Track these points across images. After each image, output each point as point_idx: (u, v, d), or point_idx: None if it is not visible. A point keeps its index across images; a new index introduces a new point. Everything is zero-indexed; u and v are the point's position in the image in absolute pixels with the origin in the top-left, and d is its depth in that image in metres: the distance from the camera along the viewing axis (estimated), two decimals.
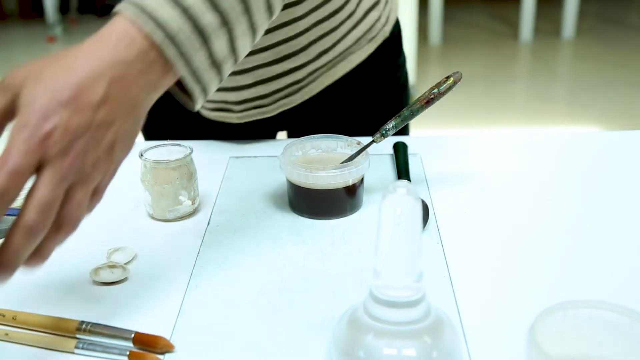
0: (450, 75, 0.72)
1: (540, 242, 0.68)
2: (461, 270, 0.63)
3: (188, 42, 0.54)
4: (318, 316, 0.57)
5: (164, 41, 0.53)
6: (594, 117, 2.90)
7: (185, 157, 0.72)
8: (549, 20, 4.05)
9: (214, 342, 0.55)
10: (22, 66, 0.52)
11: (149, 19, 0.53)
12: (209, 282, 0.63)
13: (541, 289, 0.60)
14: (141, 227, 0.72)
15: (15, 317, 0.57)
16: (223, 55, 0.58)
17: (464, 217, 0.72)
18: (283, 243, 0.68)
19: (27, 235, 0.48)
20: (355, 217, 0.73)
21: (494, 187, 0.78)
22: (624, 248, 0.66)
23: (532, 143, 0.90)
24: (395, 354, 0.48)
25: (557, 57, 3.71)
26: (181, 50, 0.54)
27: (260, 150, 0.88)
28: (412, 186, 0.46)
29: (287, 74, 0.87)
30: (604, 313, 0.47)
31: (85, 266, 0.65)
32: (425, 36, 3.80)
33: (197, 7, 0.55)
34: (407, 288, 0.48)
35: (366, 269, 0.63)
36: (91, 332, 0.55)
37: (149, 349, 0.54)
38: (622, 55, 3.59)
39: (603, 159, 0.85)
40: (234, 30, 0.58)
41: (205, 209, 0.75)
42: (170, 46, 0.54)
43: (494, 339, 0.54)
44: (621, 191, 0.77)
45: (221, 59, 0.58)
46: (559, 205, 0.74)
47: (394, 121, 0.73)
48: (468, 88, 3.02)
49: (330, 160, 0.76)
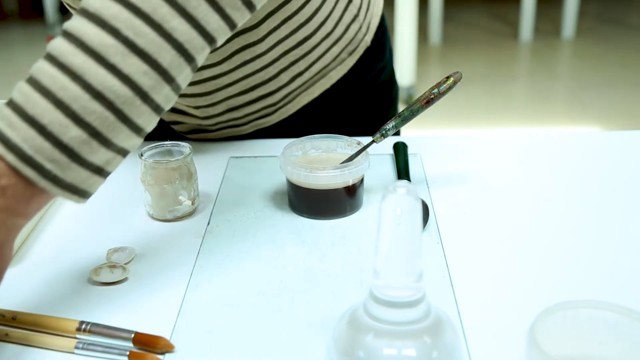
0: (450, 75, 0.72)
1: (540, 242, 0.68)
2: (461, 270, 0.63)
3: (50, 161, 0.50)
4: (318, 316, 0.57)
5: (17, 164, 0.50)
6: (594, 117, 2.90)
7: (185, 157, 0.72)
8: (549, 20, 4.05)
9: (214, 342, 0.55)
10: None
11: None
12: (209, 282, 0.63)
13: (541, 289, 0.60)
14: (141, 227, 0.72)
15: (15, 317, 0.57)
16: (104, 161, 0.53)
17: (464, 217, 0.72)
18: (283, 243, 0.68)
19: None
20: (355, 217, 0.73)
21: (494, 187, 0.78)
22: (624, 248, 0.66)
23: (532, 143, 0.90)
24: (395, 354, 0.48)
25: (557, 57, 3.71)
26: (43, 171, 0.50)
27: (260, 150, 0.88)
28: (412, 186, 0.46)
29: (259, 100, 0.86)
30: (604, 313, 0.47)
31: (85, 266, 0.65)
32: (425, 36, 3.80)
33: (57, 124, 0.50)
34: (407, 288, 0.48)
35: (366, 269, 0.63)
36: (91, 332, 0.55)
37: (149, 349, 0.54)
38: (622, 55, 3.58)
39: (603, 159, 0.85)
40: (111, 139, 0.53)
41: (205, 209, 0.75)
42: (27, 168, 0.50)
43: (494, 339, 0.54)
44: (621, 191, 0.77)
45: (102, 165, 0.53)
46: (559, 205, 0.74)
47: (394, 121, 0.73)
48: (468, 88, 3.02)
49: (330, 160, 0.76)
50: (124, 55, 0.52)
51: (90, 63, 0.51)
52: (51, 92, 0.51)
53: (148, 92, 0.53)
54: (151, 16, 0.52)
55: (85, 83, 0.51)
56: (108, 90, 0.51)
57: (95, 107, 0.51)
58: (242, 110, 0.86)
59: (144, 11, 0.52)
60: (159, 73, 0.53)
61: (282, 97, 0.86)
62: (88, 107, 0.51)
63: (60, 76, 0.51)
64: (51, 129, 0.50)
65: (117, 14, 0.52)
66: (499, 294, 0.60)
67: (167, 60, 0.53)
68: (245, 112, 0.87)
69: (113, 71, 0.51)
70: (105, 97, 0.51)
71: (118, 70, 0.51)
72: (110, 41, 0.51)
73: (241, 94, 0.84)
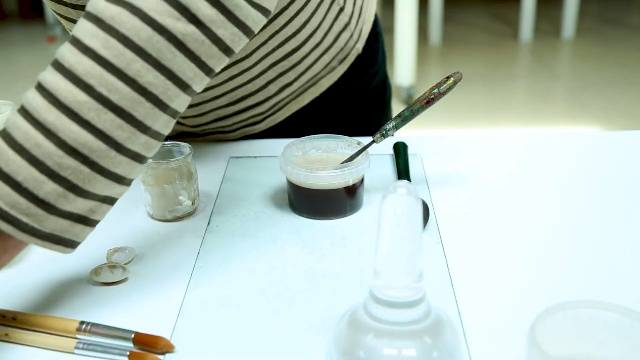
0: (451, 76, 0.72)
1: (540, 242, 0.68)
2: (461, 270, 0.63)
3: (26, 215, 0.51)
4: (318, 316, 0.57)
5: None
6: (594, 117, 2.90)
7: (185, 157, 0.72)
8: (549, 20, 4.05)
9: (214, 342, 0.55)
10: None
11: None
12: (209, 282, 0.63)
13: (541, 289, 0.60)
14: (141, 227, 0.72)
15: (15, 317, 0.57)
16: (86, 210, 0.53)
17: (464, 217, 0.72)
18: (283, 243, 0.68)
19: None
20: (355, 217, 0.73)
21: (494, 187, 0.78)
22: (624, 248, 0.66)
23: (532, 143, 0.90)
24: (395, 354, 0.48)
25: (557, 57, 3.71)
26: (20, 225, 0.51)
27: (260, 150, 0.88)
28: (412, 186, 0.46)
29: (247, 110, 0.85)
30: (604, 313, 0.47)
31: (85, 266, 0.65)
32: (425, 36, 3.80)
33: (31, 180, 0.50)
34: (407, 288, 0.48)
35: (366, 269, 0.63)
36: (91, 333, 0.55)
37: (149, 349, 0.54)
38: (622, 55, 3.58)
39: (603, 159, 0.85)
40: (89, 190, 0.53)
41: (205, 209, 0.75)
42: (3, 223, 0.51)
43: (494, 339, 0.54)
44: (621, 191, 0.77)
45: (85, 213, 0.54)
46: (559, 205, 0.74)
47: (394, 121, 0.73)
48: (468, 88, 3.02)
49: (330, 160, 0.76)
50: (98, 111, 0.51)
51: (63, 119, 0.51)
52: (25, 148, 0.51)
53: (122, 143, 0.53)
54: (125, 71, 0.52)
55: (59, 140, 0.51)
56: (82, 146, 0.51)
57: (69, 162, 0.51)
58: (230, 119, 0.87)
59: (118, 67, 0.52)
60: (133, 125, 0.53)
61: (270, 107, 0.86)
62: (63, 162, 0.51)
63: (34, 132, 0.51)
64: (26, 186, 0.50)
65: (90, 70, 0.51)
66: (499, 294, 0.60)
67: (142, 113, 0.53)
68: (234, 120, 0.87)
69: (87, 127, 0.51)
70: (79, 152, 0.51)
71: (92, 125, 0.51)
72: (84, 98, 0.51)
73: (229, 105, 0.84)
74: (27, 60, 3.85)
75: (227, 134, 0.90)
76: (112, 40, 0.52)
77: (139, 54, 0.52)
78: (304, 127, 0.89)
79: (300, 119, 0.90)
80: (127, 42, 0.52)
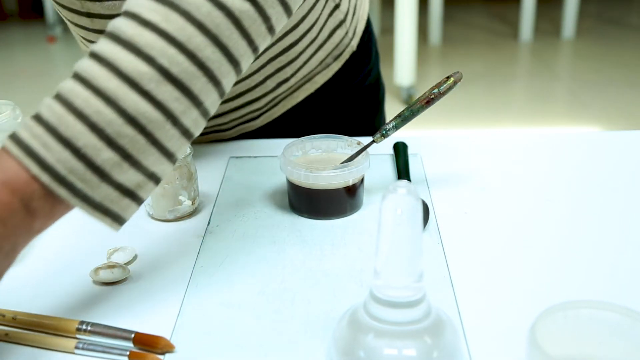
0: (451, 75, 0.72)
1: (541, 242, 0.68)
2: (461, 270, 0.63)
3: (82, 180, 0.51)
4: (318, 316, 0.57)
5: (52, 183, 0.51)
6: (594, 117, 2.90)
7: (185, 157, 0.72)
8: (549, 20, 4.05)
9: (214, 342, 0.55)
10: None
11: (34, 161, 0.50)
12: (209, 282, 0.63)
13: (541, 289, 0.60)
14: (141, 227, 0.72)
15: (15, 317, 0.57)
16: (134, 183, 0.54)
17: (464, 217, 0.72)
18: (283, 243, 0.68)
19: None
20: (355, 217, 0.73)
21: (494, 187, 0.78)
22: (624, 248, 0.66)
23: (532, 143, 0.90)
24: (395, 354, 0.48)
25: (557, 57, 3.71)
26: (75, 189, 0.52)
27: (260, 150, 0.88)
28: (413, 186, 0.46)
29: (244, 107, 0.86)
30: (604, 313, 0.47)
31: (85, 266, 0.65)
32: (425, 36, 3.80)
33: (91, 147, 0.51)
34: (407, 288, 0.48)
35: (366, 269, 0.63)
36: (91, 332, 0.55)
37: (149, 349, 0.54)
38: (622, 55, 3.58)
39: (603, 159, 0.85)
40: (141, 162, 0.54)
41: (205, 209, 0.75)
42: (61, 188, 0.51)
43: (494, 339, 0.54)
44: (621, 191, 0.77)
45: (133, 187, 0.54)
46: (558, 205, 0.74)
47: (394, 121, 0.73)
48: (468, 88, 3.02)
49: (330, 160, 0.76)
50: (158, 83, 0.52)
51: (124, 89, 0.52)
52: (85, 115, 0.51)
53: (178, 116, 0.54)
54: (185, 45, 0.53)
55: (119, 108, 0.52)
56: (141, 116, 0.52)
57: (127, 131, 0.52)
58: (228, 116, 0.87)
59: (179, 40, 0.53)
60: (189, 99, 0.54)
61: (267, 102, 0.87)
62: (121, 131, 0.52)
63: (94, 100, 0.51)
64: (85, 152, 0.51)
65: (152, 42, 0.52)
66: (499, 294, 0.60)
67: (198, 87, 0.54)
68: (231, 117, 0.87)
69: (146, 97, 0.52)
70: (137, 122, 0.52)
71: (152, 96, 0.52)
72: (145, 69, 0.52)
73: (227, 101, 0.84)
74: (27, 60, 3.85)
75: (224, 133, 0.90)
76: (173, 14, 0.53)
77: (199, 28, 0.53)
78: (299, 124, 0.90)
79: (296, 116, 0.90)
80: (188, 16, 0.53)
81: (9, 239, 0.51)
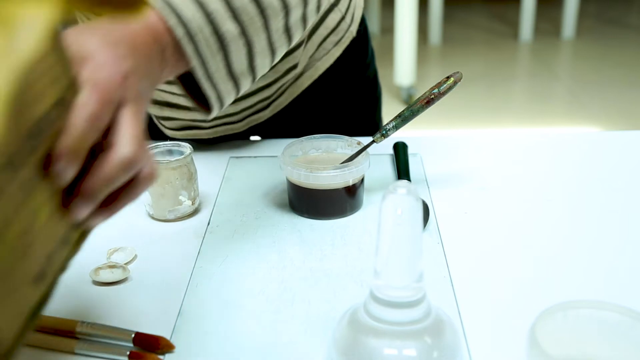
0: (451, 76, 0.72)
1: (540, 242, 0.68)
2: (461, 270, 0.63)
3: (206, 43, 0.57)
4: (318, 316, 0.57)
5: (183, 37, 0.56)
6: (594, 117, 2.90)
7: (185, 157, 0.72)
8: (549, 20, 4.05)
9: (214, 342, 0.55)
10: None
11: (173, 14, 0.55)
12: (209, 282, 0.63)
13: (541, 289, 0.60)
14: (141, 227, 0.72)
15: None
16: (241, 69, 0.60)
17: (464, 217, 0.72)
18: (283, 243, 0.68)
19: (123, 167, 0.44)
20: (355, 217, 0.73)
21: (494, 187, 0.78)
22: (624, 248, 0.66)
23: (532, 143, 0.90)
24: (395, 354, 0.48)
25: (557, 57, 3.71)
26: (198, 50, 0.57)
27: (260, 150, 0.88)
28: (412, 186, 0.46)
29: (256, 93, 0.86)
30: (604, 313, 0.47)
31: (85, 266, 0.65)
32: (425, 36, 3.80)
33: (219, 14, 0.58)
34: (407, 288, 0.48)
35: (366, 269, 0.63)
36: (91, 333, 0.55)
37: (149, 349, 0.54)
38: (622, 55, 3.58)
39: (603, 159, 0.85)
40: (252, 45, 0.60)
41: (205, 209, 0.75)
42: (189, 44, 0.56)
43: (494, 339, 0.54)
44: (621, 191, 0.77)
45: (239, 73, 0.60)
46: (558, 205, 0.74)
47: (394, 121, 0.73)
48: (468, 88, 3.02)
49: (330, 160, 0.76)
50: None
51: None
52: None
53: (290, 10, 0.62)
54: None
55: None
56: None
57: (250, 8, 0.59)
58: (239, 104, 0.87)
59: None
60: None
61: (277, 89, 0.88)
62: (245, 7, 0.59)
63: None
64: (214, 17, 0.57)
65: None
66: (499, 294, 0.60)
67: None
68: (242, 106, 0.87)
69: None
70: (259, 3, 0.60)
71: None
72: None
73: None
74: None
75: (233, 125, 0.90)
76: None
77: None
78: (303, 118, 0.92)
79: (301, 108, 0.92)
80: None
81: (151, 75, 0.53)
